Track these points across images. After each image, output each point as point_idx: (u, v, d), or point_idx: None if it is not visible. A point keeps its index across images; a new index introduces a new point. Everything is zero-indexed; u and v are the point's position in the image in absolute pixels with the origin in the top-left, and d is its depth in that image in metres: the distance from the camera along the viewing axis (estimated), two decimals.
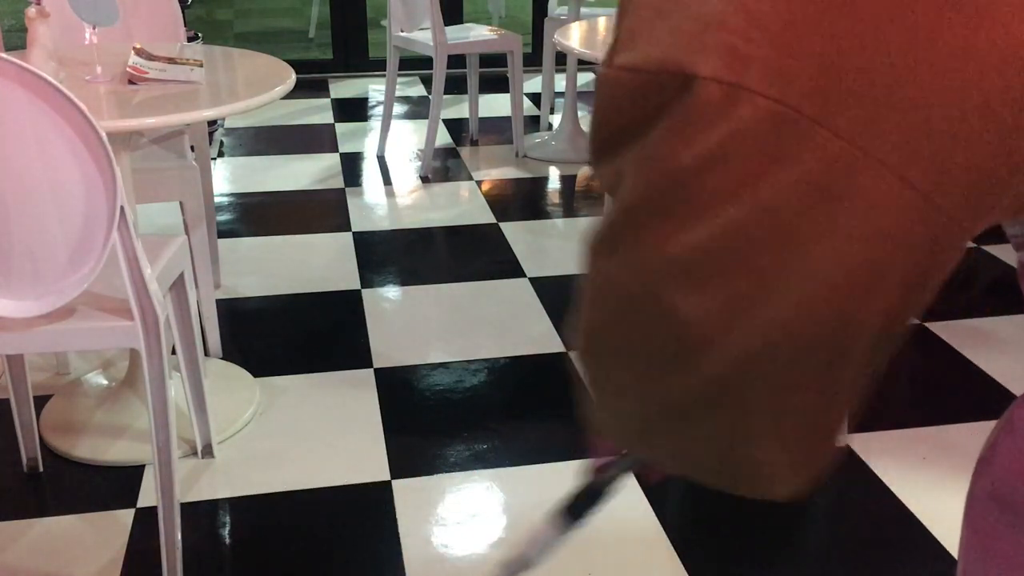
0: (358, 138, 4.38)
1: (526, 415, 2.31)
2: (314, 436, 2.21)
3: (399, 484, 2.05)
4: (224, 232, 3.28)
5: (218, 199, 3.60)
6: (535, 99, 4.85)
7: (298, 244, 3.25)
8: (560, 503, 0.80)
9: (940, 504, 1.99)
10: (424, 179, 3.88)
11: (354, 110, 4.82)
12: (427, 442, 2.19)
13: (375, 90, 5.13)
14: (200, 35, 3.69)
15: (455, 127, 4.52)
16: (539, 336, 2.66)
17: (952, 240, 0.44)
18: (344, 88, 5.17)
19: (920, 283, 0.46)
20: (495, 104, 4.79)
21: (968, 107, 0.41)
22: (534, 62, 4.97)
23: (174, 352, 2.02)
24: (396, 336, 2.65)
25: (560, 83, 4.71)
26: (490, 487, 2.05)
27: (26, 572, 1.80)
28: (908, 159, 0.42)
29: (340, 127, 4.53)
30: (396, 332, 2.67)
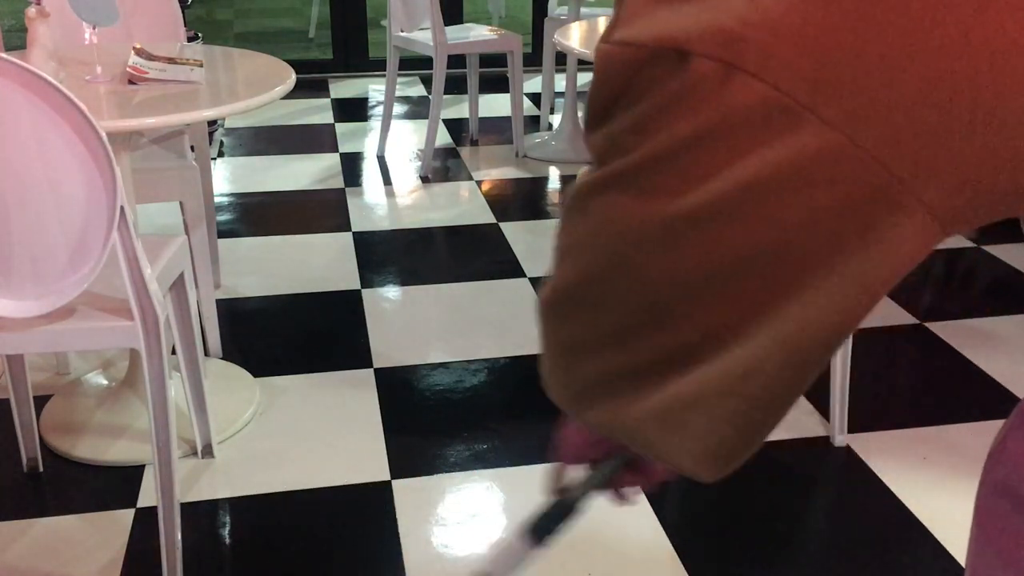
0: (358, 138, 4.38)
1: (526, 415, 2.31)
2: (314, 436, 2.21)
3: (399, 484, 2.05)
4: (224, 232, 3.28)
5: (218, 199, 3.60)
6: (535, 99, 4.85)
7: (298, 244, 3.25)
8: (527, 521, 0.80)
9: (940, 504, 1.99)
10: (424, 179, 3.88)
11: (354, 110, 4.82)
12: (427, 442, 2.19)
13: (375, 90, 5.13)
14: (200, 35, 3.69)
15: (455, 127, 4.52)
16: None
17: (931, 239, 0.45)
18: (344, 88, 5.17)
19: (892, 279, 0.46)
20: (495, 104, 4.80)
21: (959, 104, 0.41)
22: (534, 62, 4.97)
23: (174, 352, 2.02)
24: (396, 336, 2.65)
25: (560, 83, 4.71)
26: (490, 487, 2.05)
27: (26, 572, 1.81)
28: (896, 152, 0.42)
29: (340, 127, 4.53)
30: (396, 332, 2.67)
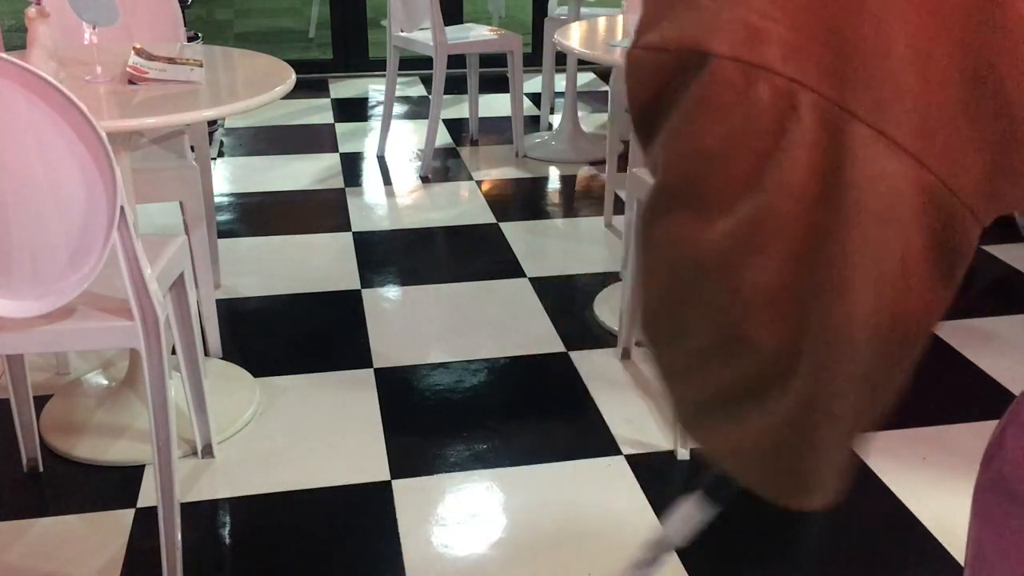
0: (358, 138, 4.38)
1: (526, 415, 2.31)
2: (314, 436, 2.21)
3: (399, 484, 2.05)
4: (224, 232, 3.28)
5: (218, 199, 3.60)
6: (535, 99, 4.85)
7: (298, 244, 3.25)
8: (703, 483, 0.78)
9: (940, 504, 1.99)
10: (424, 179, 3.88)
11: (354, 110, 4.82)
12: (427, 442, 2.19)
13: (375, 90, 5.13)
14: (200, 35, 3.69)
15: (455, 127, 4.52)
16: (539, 336, 2.66)
17: (967, 226, 0.44)
18: (344, 88, 5.17)
19: (947, 271, 0.45)
20: (495, 104, 4.79)
21: (983, 92, 0.40)
22: (534, 62, 4.97)
23: (174, 352, 2.02)
24: (396, 336, 2.65)
25: (560, 83, 4.71)
26: (490, 487, 2.05)
27: (26, 572, 1.80)
28: (925, 142, 0.41)
29: (340, 127, 4.53)
30: (396, 332, 2.67)
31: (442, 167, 4.03)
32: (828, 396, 0.48)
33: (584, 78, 5.32)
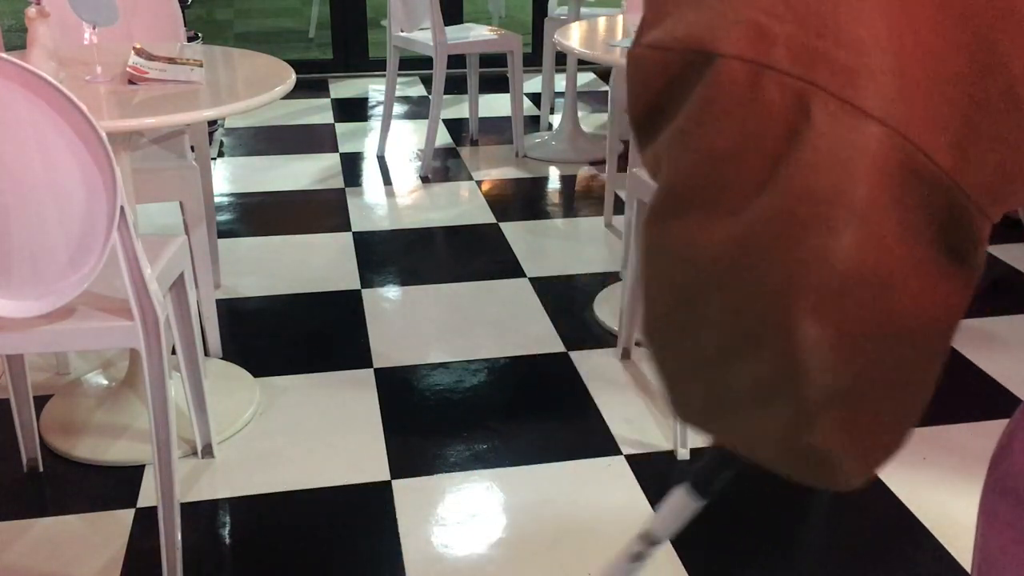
0: (358, 138, 4.38)
1: (526, 415, 2.31)
2: (314, 436, 2.21)
3: (399, 484, 2.05)
4: (224, 232, 3.29)
5: (218, 199, 3.60)
6: (535, 99, 4.85)
7: (298, 244, 3.25)
8: (690, 474, 0.78)
9: (940, 504, 1.99)
10: (424, 179, 3.88)
11: (354, 110, 4.82)
12: (427, 442, 2.19)
13: (375, 90, 5.13)
14: (200, 35, 3.69)
15: (455, 127, 4.52)
16: (539, 336, 2.66)
17: (976, 223, 0.44)
18: (344, 88, 5.17)
19: (963, 273, 0.45)
20: (495, 104, 4.80)
21: (994, 88, 0.40)
22: (534, 62, 4.97)
23: (174, 352, 2.02)
24: (396, 336, 2.65)
25: (560, 83, 4.71)
26: (490, 487, 2.05)
27: (26, 572, 1.80)
28: (936, 139, 0.41)
29: (340, 127, 4.53)
30: (396, 332, 2.67)
31: (442, 167, 4.03)
32: (847, 389, 0.48)
33: (584, 78, 5.32)
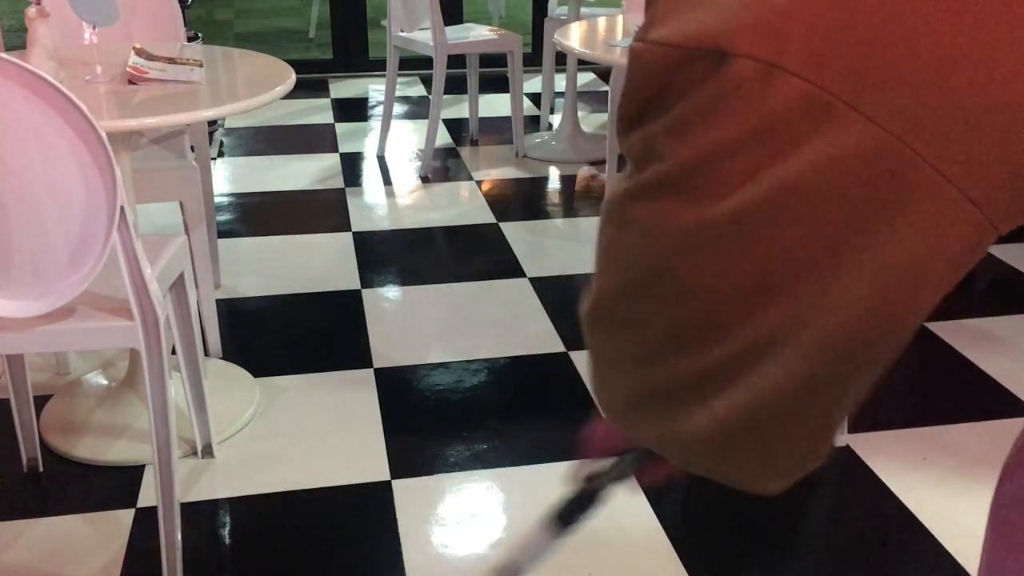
0: (358, 138, 4.38)
1: (526, 415, 2.31)
2: (314, 436, 2.21)
3: (399, 484, 2.05)
4: (224, 232, 3.28)
5: (218, 199, 3.60)
6: (535, 99, 4.85)
7: (298, 244, 3.25)
8: (551, 509, 0.80)
9: (940, 504, 1.99)
10: (424, 179, 3.88)
11: (354, 110, 4.82)
12: (427, 442, 2.19)
13: (375, 90, 5.13)
14: (200, 35, 3.69)
15: (455, 127, 4.52)
16: (539, 336, 2.66)
17: (983, 237, 0.43)
18: (344, 88, 5.17)
19: (952, 280, 0.45)
20: (495, 104, 4.80)
21: (1010, 99, 0.40)
22: (534, 62, 4.97)
23: (174, 352, 2.02)
24: (396, 336, 2.65)
25: (560, 83, 4.71)
26: (490, 487, 2.05)
27: (26, 572, 1.80)
28: (944, 151, 0.41)
29: (340, 127, 4.53)
30: (396, 332, 2.67)
31: (442, 167, 4.03)
32: (804, 389, 0.47)
33: (584, 78, 5.32)
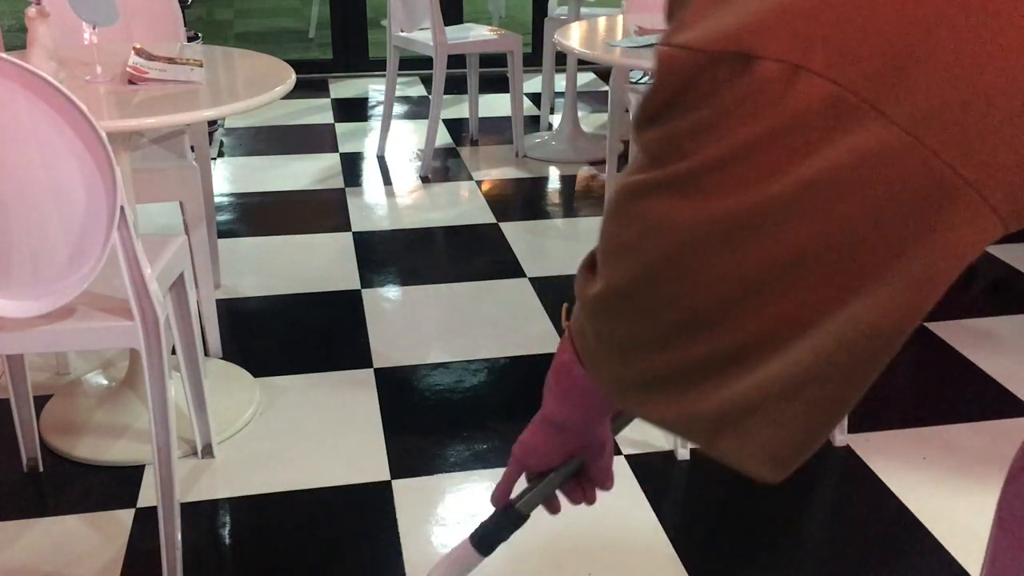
0: (358, 138, 4.38)
1: (526, 415, 2.30)
2: (314, 436, 2.21)
3: (399, 484, 2.05)
4: (224, 232, 3.28)
5: (218, 199, 3.60)
6: (535, 99, 4.85)
7: (298, 244, 3.25)
8: (476, 530, 0.82)
9: (940, 504, 1.99)
10: (424, 179, 3.88)
11: (354, 110, 4.82)
12: (427, 442, 2.19)
13: (375, 90, 5.13)
14: (200, 35, 3.69)
15: (455, 127, 4.52)
16: (539, 336, 2.66)
17: (993, 236, 0.44)
18: (344, 88, 5.17)
19: (953, 274, 0.45)
20: (495, 104, 4.80)
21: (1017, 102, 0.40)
22: (534, 62, 4.97)
23: (174, 352, 2.02)
24: (396, 336, 2.65)
25: (560, 83, 4.71)
26: (490, 487, 2.04)
27: (26, 572, 1.81)
28: (965, 153, 0.41)
29: (340, 127, 4.53)
30: (396, 332, 2.67)
31: (442, 167, 4.03)
32: (813, 382, 0.48)
33: (584, 78, 5.32)
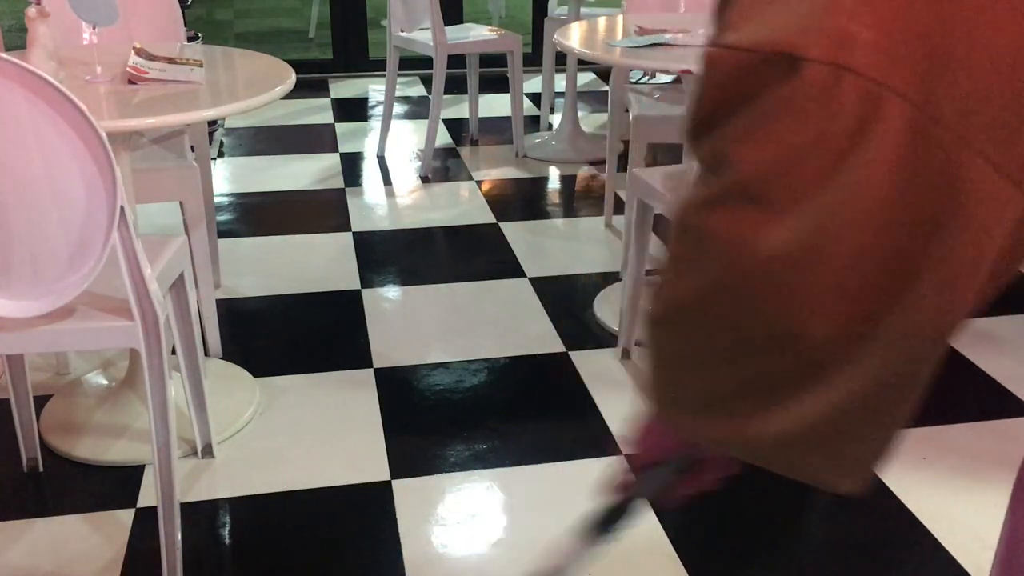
0: (358, 138, 4.38)
1: (526, 415, 2.31)
2: (314, 436, 2.21)
3: (399, 484, 2.05)
4: (224, 232, 3.28)
5: (218, 199, 3.60)
6: (535, 99, 4.85)
7: (298, 244, 3.25)
8: (589, 519, 0.82)
9: (940, 504, 1.99)
10: (424, 179, 3.88)
11: (354, 110, 4.82)
12: (427, 442, 2.19)
13: (375, 90, 5.13)
14: (200, 35, 3.69)
15: (455, 127, 4.52)
16: (539, 336, 2.66)
17: None
18: (344, 88, 5.17)
19: (997, 271, 0.45)
20: (495, 104, 4.79)
21: None
22: (534, 62, 4.97)
23: (174, 352, 2.02)
24: (396, 336, 2.65)
25: (560, 83, 4.71)
26: (490, 487, 2.05)
27: (26, 572, 1.80)
28: (1005, 150, 0.41)
29: (340, 127, 4.53)
30: (396, 332, 2.67)
31: (442, 167, 4.03)
32: (881, 390, 0.48)
33: (584, 78, 5.31)
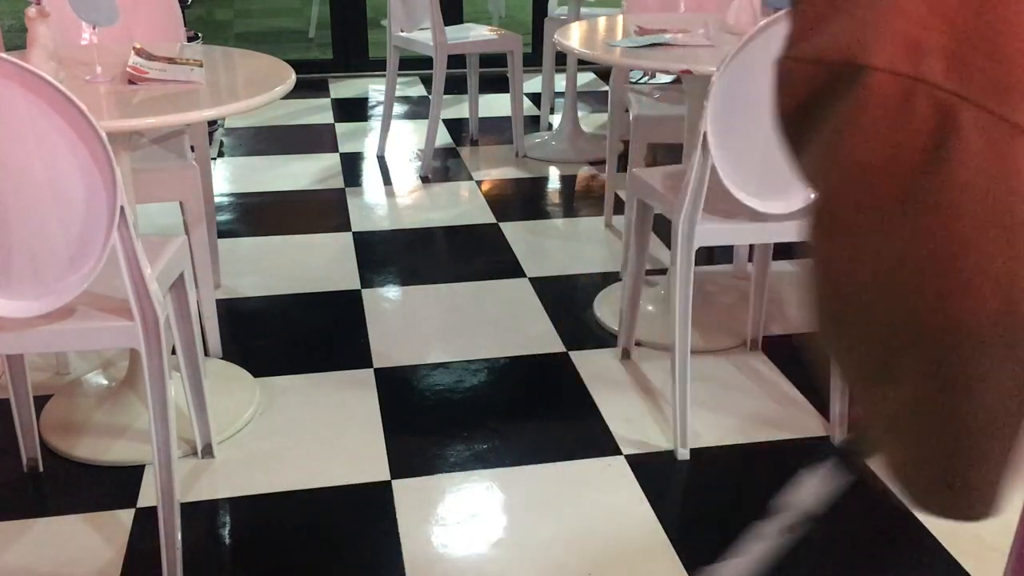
0: (358, 138, 4.38)
1: (526, 415, 2.31)
2: (314, 436, 2.21)
3: (399, 484, 2.05)
4: (224, 232, 3.28)
5: (218, 199, 3.60)
6: (535, 99, 4.85)
7: (298, 244, 3.25)
8: (838, 449, 0.77)
9: None
10: (424, 179, 3.88)
11: (354, 110, 4.82)
12: (427, 442, 2.19)
13: (375, 90, 5.13)
14: (200, 35, 3.69)
15: (455, 127, 4.52)
16: (539, 336, 2.66)
17: None
18: (344, 88, 5.17)
19: None
20: (495, 104, 4.80)
21: None
22: (534, 62, 4.97)
23: (174, 352, 2.02)
24: (396, 336, 2.65)
25: (560, 83, 4.71)
26: (490, 487, 2.05)
27: (26, 572, 1.81)
28: None
29: (340, 127, 4.53)
30: (396, 332, 2.67)
31: (442, 167, 4.03)
32: (963, 399, 0.47)
33: (584, 78, 5.32)
